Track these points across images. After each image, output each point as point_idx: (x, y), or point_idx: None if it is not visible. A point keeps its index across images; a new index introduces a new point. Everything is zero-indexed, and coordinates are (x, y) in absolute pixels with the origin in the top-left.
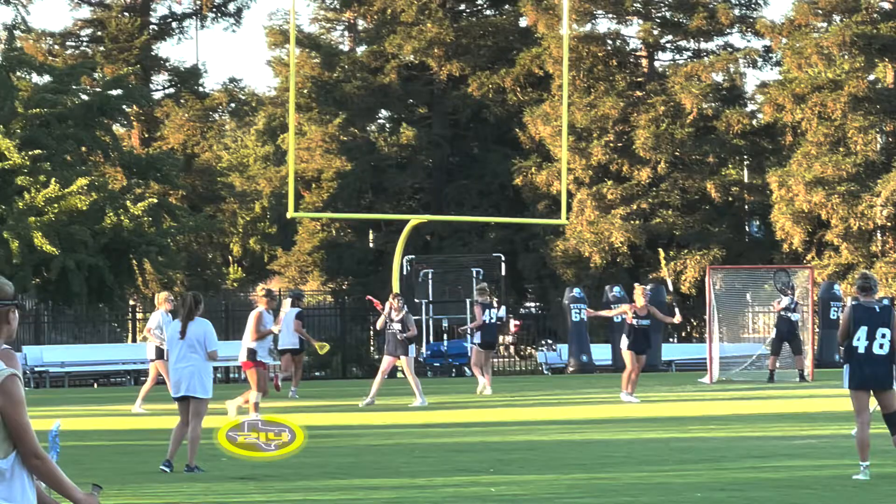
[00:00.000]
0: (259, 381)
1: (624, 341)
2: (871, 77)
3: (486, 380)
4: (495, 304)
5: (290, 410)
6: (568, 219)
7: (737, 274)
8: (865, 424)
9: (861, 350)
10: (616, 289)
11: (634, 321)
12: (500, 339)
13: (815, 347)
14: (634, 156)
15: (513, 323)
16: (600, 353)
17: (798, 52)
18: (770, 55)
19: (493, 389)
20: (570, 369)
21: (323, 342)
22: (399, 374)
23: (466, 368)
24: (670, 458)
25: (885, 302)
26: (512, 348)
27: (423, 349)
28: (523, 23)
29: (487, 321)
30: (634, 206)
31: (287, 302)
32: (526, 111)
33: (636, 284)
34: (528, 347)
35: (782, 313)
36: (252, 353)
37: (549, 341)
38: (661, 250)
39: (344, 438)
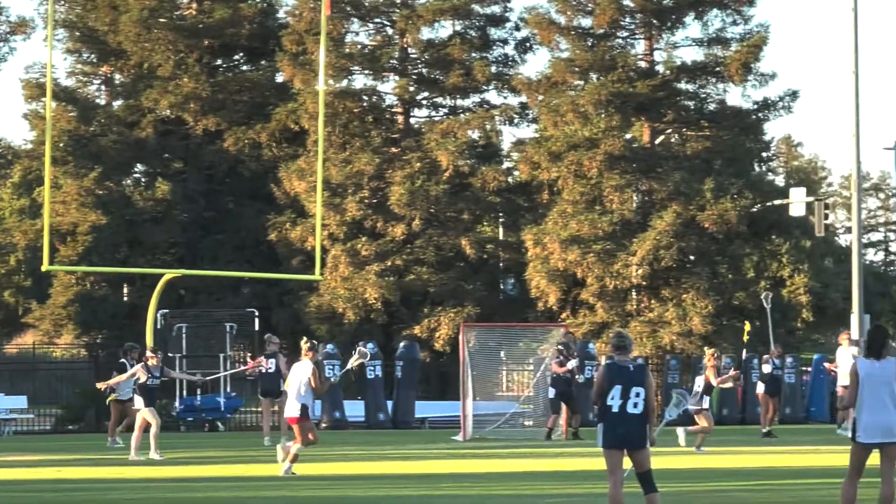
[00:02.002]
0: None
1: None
2: (628, 136)
3: (265, 428)
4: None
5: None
6: (322, 274)
7: (491, 332)
8: (619, 483)
9: (615, 409)
10: (370, 345)
11: None
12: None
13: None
14: (389, 212)
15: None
16: (353, 409)
17: (554, 109)
18: (527, 112)
19: (246, 444)
20: (324, 425)
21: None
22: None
23: (220, 423)
24: None
25: (640, 361)
26: None
27: (177, 403)
28: (280, 78)
29: (264, 371)
30: (389, 263)
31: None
32: (281, 166)
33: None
34: None
35: (565, 374)
36: (305, 408)
37: None
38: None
39: (95, 493)
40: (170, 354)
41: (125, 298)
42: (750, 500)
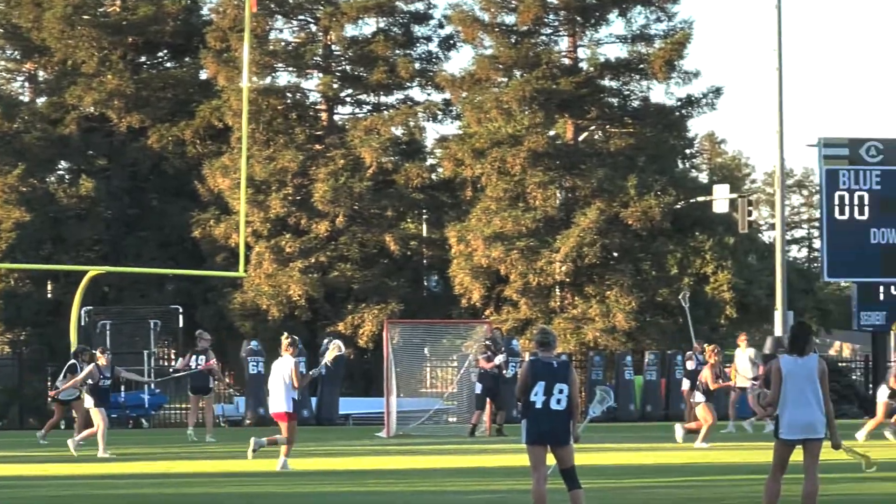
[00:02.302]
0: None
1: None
2: (551, 133)
3: (191, 422)
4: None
5: None
6: (246, 271)
7: (415, 328)
8: (542, 479)
9: (539, 405)
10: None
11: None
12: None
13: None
14: (313, 209)
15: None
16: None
17: (478, 106)
18: (450, 109)
19: (170, 441)
20: (248, 422)
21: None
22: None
23: (144, 420)
24: None
25: (564, 357)
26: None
27: None
28: (204, 75)
29: (193, 367)
30: (313, 259)
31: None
32: (205, 164)
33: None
34: None
35: (492, 370)
36: (295, 403)
37: (233, 390)
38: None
39: (19, 490)
40: (94, 352)
41: (49, 295)
42: (674, 496)
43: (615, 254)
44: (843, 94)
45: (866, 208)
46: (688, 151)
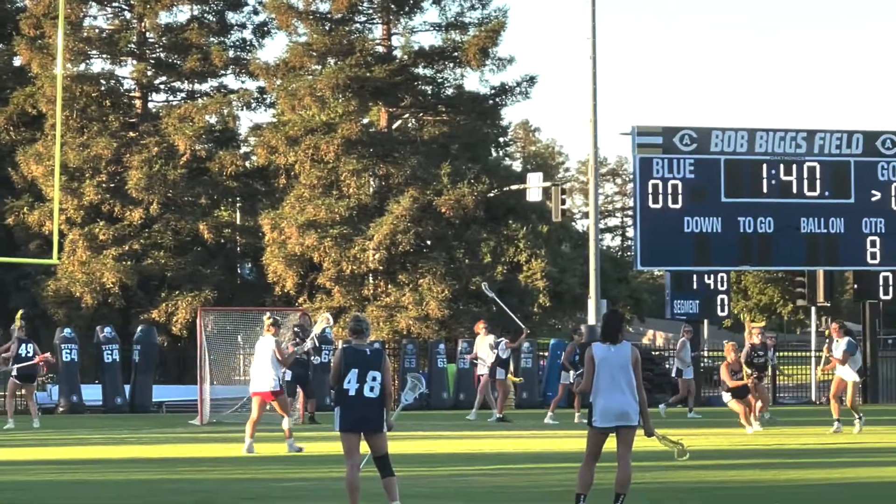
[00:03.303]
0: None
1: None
2: (365, 120)
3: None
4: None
5: None
6: (59, 259)
7: (228, 316)
8: (355, 467)
9: (352, 393)
10: (108, 329)
11: None
12: None
13: None
14: (127, 196)
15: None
16: (90, 393)
17: (292, 94)
18: (264, 97)
19: None
20: (61, 409)
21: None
22: None
23: None
24: (161, 499)
25: (377, 345)
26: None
27: None
28: (17, 62)
29: (24, 355)
30: (127, 247)
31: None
32: (18, 150)
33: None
34: None
35: (301, 356)
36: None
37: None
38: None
39: None
40: None
41: None
42: (487, 484)
43: (428, 242)
44: (656, 83)
45: (680, 197)
46: (502, 140)
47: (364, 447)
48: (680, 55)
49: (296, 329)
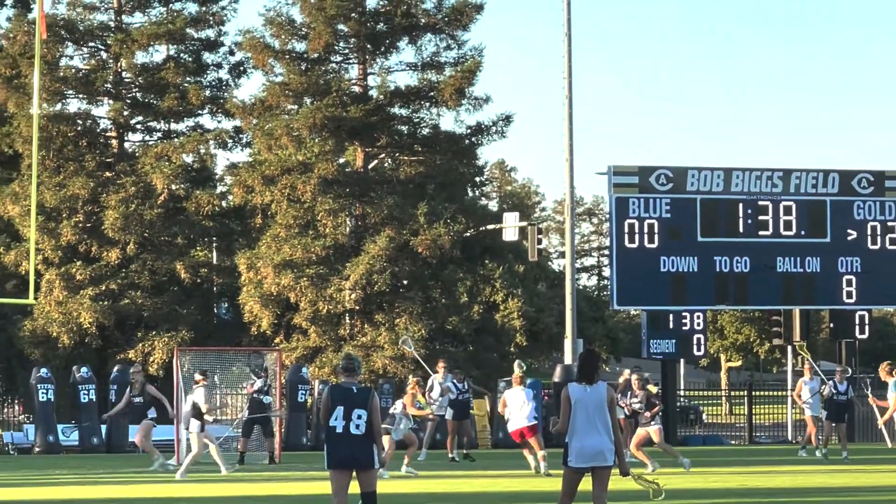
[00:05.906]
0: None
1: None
2: (341, 160)
3: None
4: None
5: None
6: (36, 299)
7: (205, 356)
8: None
9: (339, 430)
10: (84, 369)
11: None
12: None
13: (283, 430)
14: (104, 236)
15: None
16: (67, 434)
17: (268, 133)
18: (241, 136)
19: None
20: (37, 449)
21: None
22: None
23: None
24: None
25: (365, 385)
26: None
27: None
28: None
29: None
30: (104, 287)
31: None
32: None
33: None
34: None
35: (255, 395)
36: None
37: (22, 417)
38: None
39: None
40: None
41: None
42: None
43: (405, 281)
44: (632, 123)
45: (656, 236)
46: (478, 179)
47: (354, 487)
48: (656, 95)
49: (255, 368)
